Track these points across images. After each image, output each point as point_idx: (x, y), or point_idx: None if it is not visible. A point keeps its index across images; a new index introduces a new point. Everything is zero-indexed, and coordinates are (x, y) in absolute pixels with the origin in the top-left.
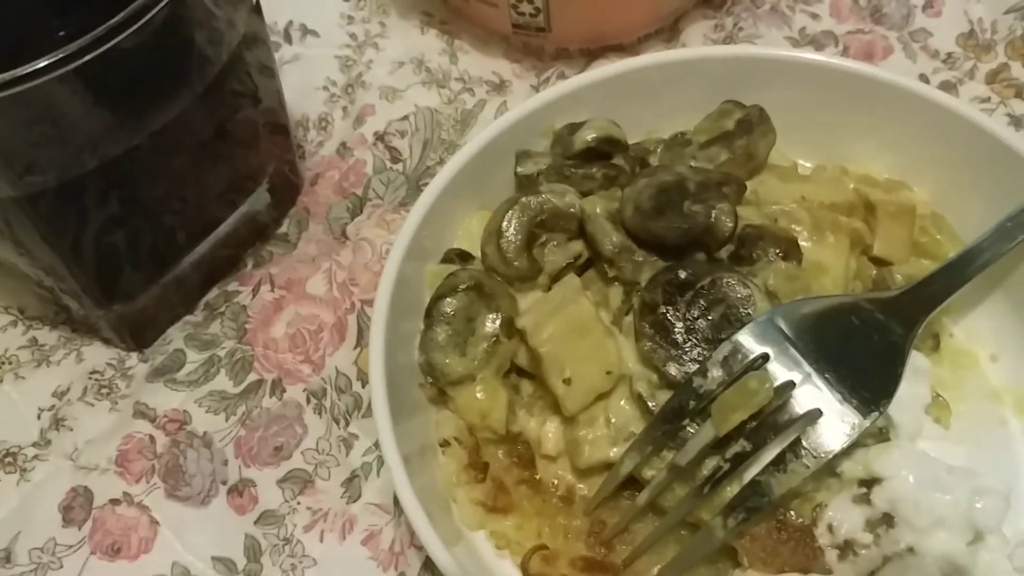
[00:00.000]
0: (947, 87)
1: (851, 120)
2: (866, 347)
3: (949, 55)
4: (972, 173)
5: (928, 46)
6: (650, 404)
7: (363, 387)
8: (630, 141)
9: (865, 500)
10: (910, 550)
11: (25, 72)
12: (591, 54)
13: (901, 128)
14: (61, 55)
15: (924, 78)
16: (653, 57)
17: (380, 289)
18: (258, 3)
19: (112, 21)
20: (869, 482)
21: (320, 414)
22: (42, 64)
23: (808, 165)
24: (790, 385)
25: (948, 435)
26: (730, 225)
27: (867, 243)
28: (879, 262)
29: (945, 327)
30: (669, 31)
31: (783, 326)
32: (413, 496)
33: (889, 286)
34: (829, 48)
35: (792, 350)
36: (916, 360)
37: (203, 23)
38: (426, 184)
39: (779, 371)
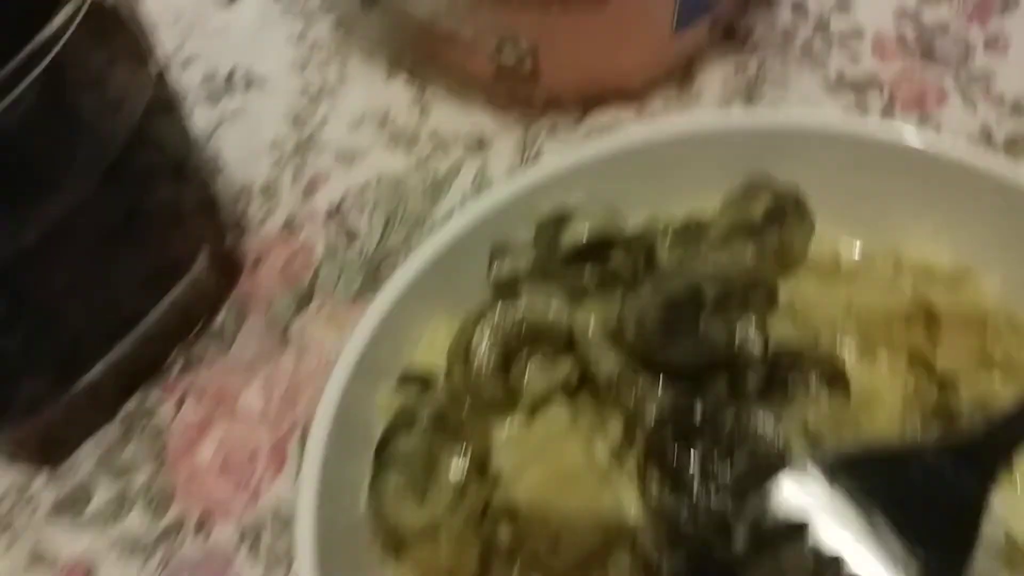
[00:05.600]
0: (1016, 142)
1: (902, 198)
2: (932, 508)
3: (1017, 102)
4: None
5: (991, 91)
6: (658, 569)
7: None
8: (633, 222)
9: None
10: None
11: None
12: (588, 102)
13: (962, 206)
14: None
15: (987, 131)
16: (659, 128)
17: (315, 427)
18: (163, 68)
19: None
20: None
21: (256, 556)
22: None
23: (855, 248)
24: (835, 563)
25: None
26: (758, 349)
27: (927, 358)
28: (940, 378)
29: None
30: (682, 72)
31: (827, 479)
32: None
33: (954, 412)
34: (872, 94)
35: (841, 512)
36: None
37: (89, 100)
38: (388, 273)
39: (823, 542)
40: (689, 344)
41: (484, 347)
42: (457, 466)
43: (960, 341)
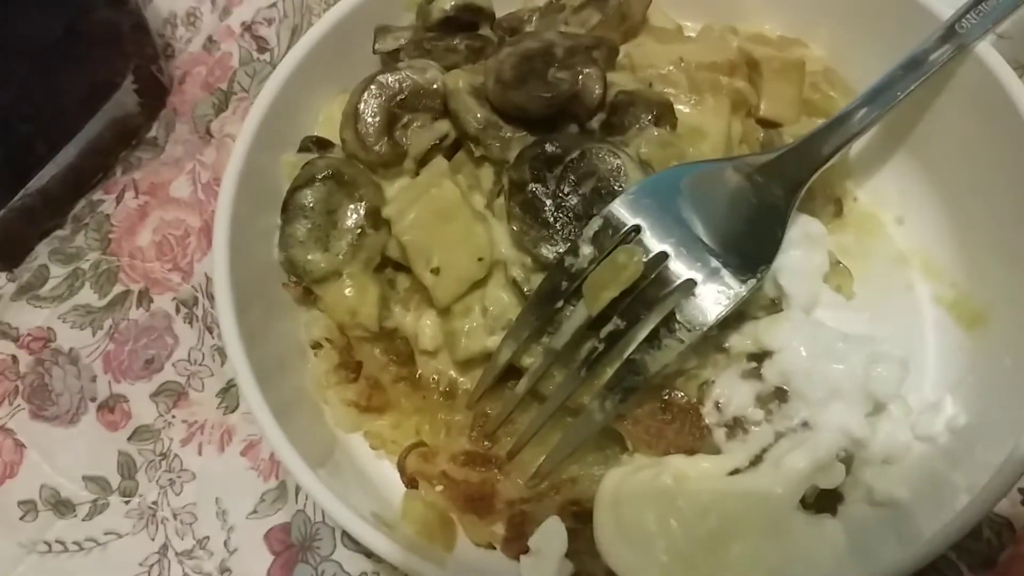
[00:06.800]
0: None
1: None
2: (745, 212)
3: None
4: (869, 25)
5: None
6: (525, 289)
7: None
8: (504, 12)
9: (755, 375)
10: (804, 424)
11: None
12: None
13: None
14: None
15: None
16: None
17: (224, 181)
18: None
19: None
20: (759, 356)
21: (191, 323)
22: None
23: (694, 26)
24: (663, 257)
25: (850, 303)
26: (598, 91)
27: (753, 104)
28: (767, 124)
29: (848, 191)
30: None
31: (657, 195)
32: (269, 414)
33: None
34: None
35: (667, 220)
36: (810, 226)
37: None
38: None
39: (652, 243)
40: (538, 89)
41: (369, 112)
42: (353, 218)
43: (781, 88)
